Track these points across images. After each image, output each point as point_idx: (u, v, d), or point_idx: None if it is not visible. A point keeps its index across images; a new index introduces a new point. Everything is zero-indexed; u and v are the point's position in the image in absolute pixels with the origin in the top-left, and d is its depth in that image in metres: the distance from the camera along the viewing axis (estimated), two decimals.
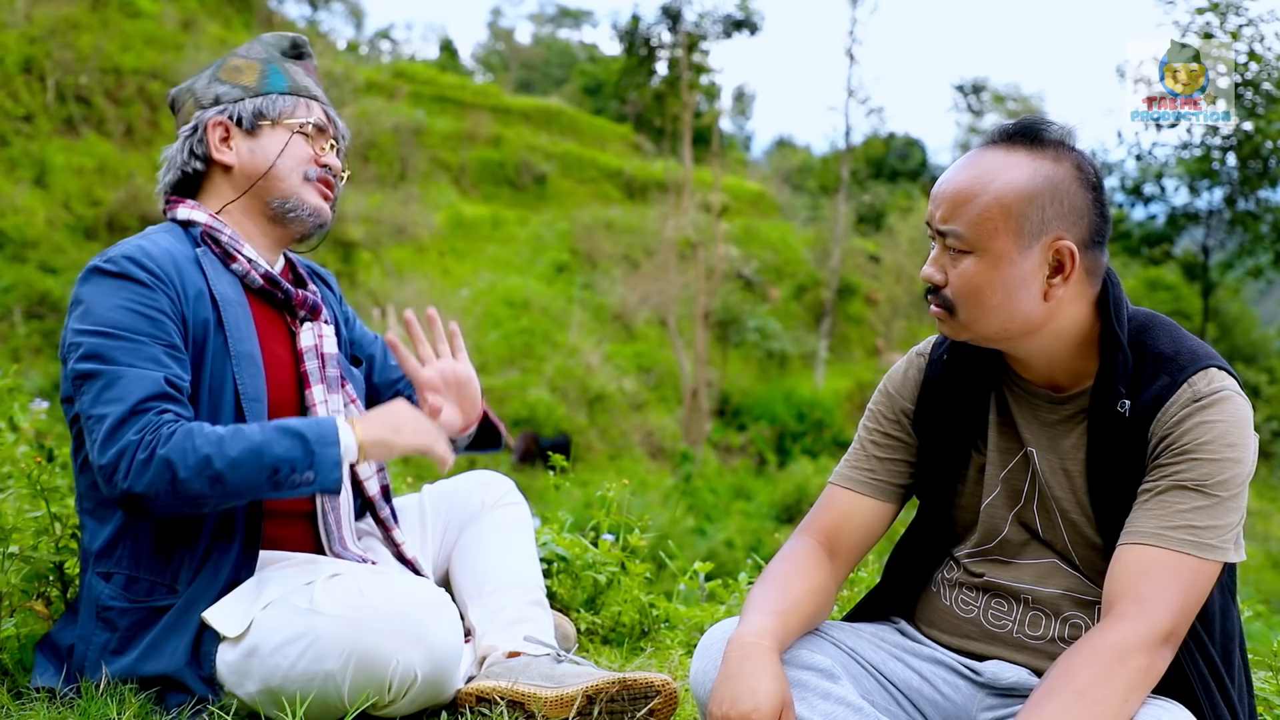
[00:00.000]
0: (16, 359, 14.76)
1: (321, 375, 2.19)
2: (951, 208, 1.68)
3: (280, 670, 1.89)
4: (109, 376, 1.90)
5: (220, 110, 2.18)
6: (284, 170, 2.18)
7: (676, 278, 24.93)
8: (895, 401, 1.93)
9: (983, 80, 36.96)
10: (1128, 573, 1.59)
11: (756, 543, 14.69)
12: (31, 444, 3.60)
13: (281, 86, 2.22)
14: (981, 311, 1.68)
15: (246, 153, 2.18)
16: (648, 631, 2.94)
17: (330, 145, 2.27)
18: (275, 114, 2.19)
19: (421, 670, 1.89)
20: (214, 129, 2.18)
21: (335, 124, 2.28)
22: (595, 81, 39.46)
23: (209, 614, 1.95)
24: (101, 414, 1.89)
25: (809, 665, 1.73)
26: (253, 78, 2.21)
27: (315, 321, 2.23)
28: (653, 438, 21.97)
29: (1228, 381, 1.64)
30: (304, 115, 2.22)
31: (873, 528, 1.90)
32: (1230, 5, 14.50)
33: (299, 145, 2.20)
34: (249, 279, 2.15)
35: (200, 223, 2.14)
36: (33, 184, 18.80)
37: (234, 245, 2.14)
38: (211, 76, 2.23)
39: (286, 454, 1.89)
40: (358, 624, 1.86)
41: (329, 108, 2.29)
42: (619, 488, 3.16)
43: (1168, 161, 16.88)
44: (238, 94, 2.19)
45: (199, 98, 2.21)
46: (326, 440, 1.92)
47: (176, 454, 1.84)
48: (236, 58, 2.24)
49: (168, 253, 2.04)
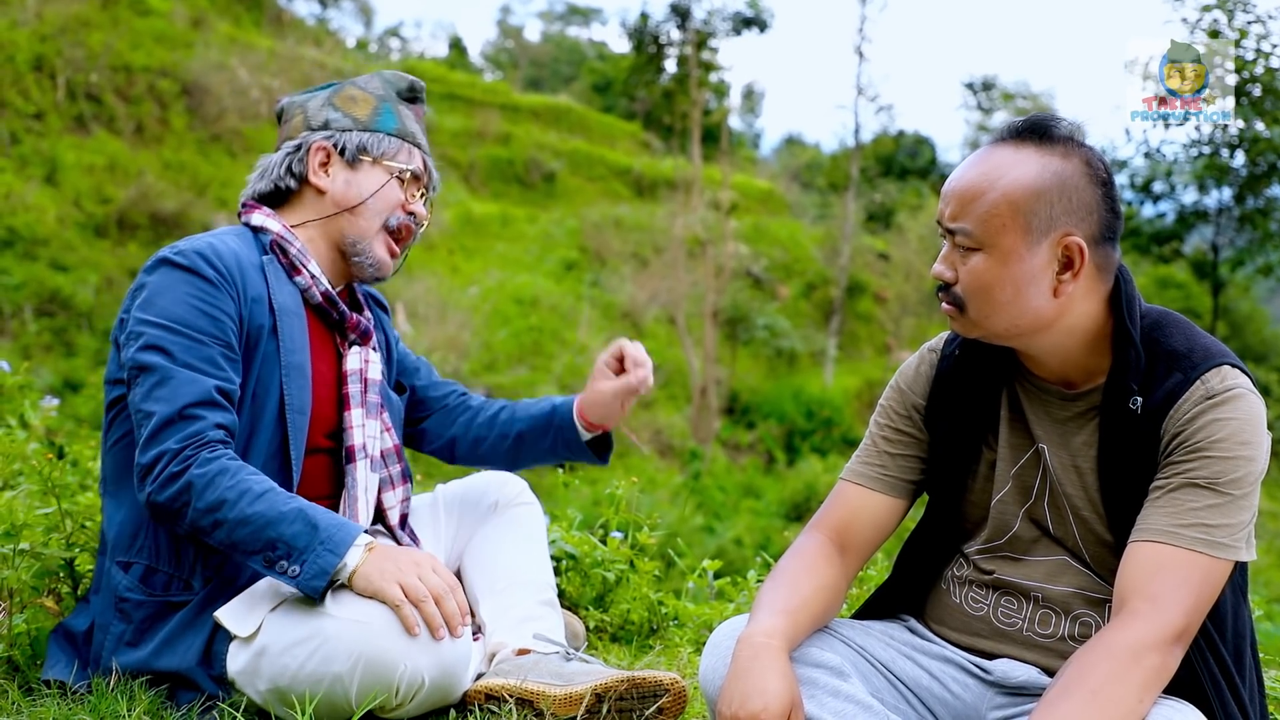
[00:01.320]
0: (27, 356, 14.83)
1: (363, 399, 2.20)
2: (960, 205, 1.68)
3: (289, 671, 1.90)
4: (163, 373, 1.93)
5: (327, 136, 2.21)
6: (370, 211, 2.21)
7: (685, 276, 24.93)
8: (907, 397, 1.92)
9: (992, 78, 36.92)
10: (1140, 570, 1.58)
11: (765, 541, 14.67)
12: (42, 441, 3.62)
13: (391, 127, 2.24)
14: (992, 308, 1.68)
15: (342, 183, 2.20)
16: (656, 629, 2.94)
17: (421, 194, 2.28)
18: (379, 153, 2.21)
19: (429, 676, 1.89)
20: (316, 152, 2.20)
21: (430, 174, 2.30)
22: (604, 79, 39.44)
23: (221, 614, 1.95)
24: (149, 410, 1.91)
25: (819, 663, 1.73)
26: (365, 111, 2.23)
27: (364, 346, 2.25)
28: (662, 435, 21.97)
29: (1241, 379, 1.64)
30: (405, 160, 2.24)
31: (884, 523, 1.90)
32: (1238, 2, 14.45)
33: (392, 189, 2.22)
34: (309, 294, 2.17)
35: (272, 231, 2.16)
36: (43, 182, 18.86)
37: (301, 259, 2.16)
38: (327, 100, 2.24)
39: (291, 538, 1.87)
40: (366, 627, 1.86)
41: (429, 157, 2.31)
42: (628, 485, 3.16)
43: (1177, 159, 16.84)
44: (347, 124, 2.22)
45: (309, 117, 2.23)
46: (333, 547, 1.88)
47: (200, 483, 1.87)
48: (355, 87, 2.26)
49: (235, 254, 2.06)
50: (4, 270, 16.82)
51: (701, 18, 25.52)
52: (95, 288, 17.81)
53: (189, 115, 22.63)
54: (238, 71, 23.22)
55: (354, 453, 2.17)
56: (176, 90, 22.39)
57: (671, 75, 26.53)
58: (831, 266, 28.34)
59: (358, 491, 2.17)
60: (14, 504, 2.74)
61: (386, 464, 2.26)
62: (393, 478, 2.27)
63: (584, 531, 3.14)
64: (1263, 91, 14.95)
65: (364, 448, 2.19)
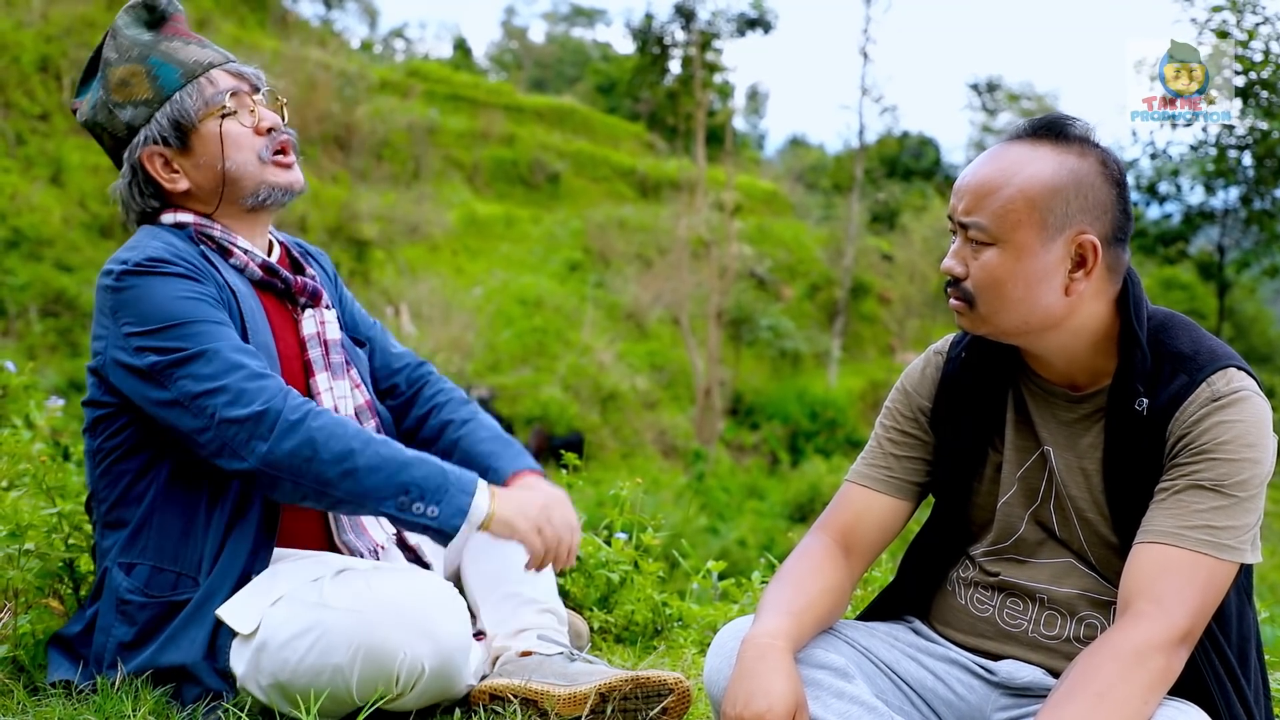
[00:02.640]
0: (32, 356, 14.84)
1: (326, 363, 2.18)
2: (975, 199, 1.67)
3: (290, 664, 1.90)
4: (208, 353, 1.90)
5: (144, 140, 2.06)
6: (236, 164, 2.08)
7: (689, 276, 24.91)
8: (912, 399, 1.92)
9: (997, 79, 36.88)
10: (1145, 571, 1.58)
11: (769, 542, 14.67)
12: (47, 441, 3.62)
13: (175, 78, 2.05)
14: (1002, 304, 1.68)
15: (193, 169, 2.08)
16: (661, 630, 2.94)
17: (255, 101, 2.13)
18: (192, 117, 2.05)
19: (429, 663, 1.89)
20: (151, 162, 2.08)
21: (245, 76, 2.13)
22: (609, 80, 39.43)
23: (223, 610, 1.95)
24: (217, 385, 1.88)
25: (823, 664, 1.73)
26: (145, 87, 2.05)
27: (316, 308, 2.21)
28: (665, 436, 21.96)
29: (1247, 382, 1.64)
30: (214, 92, 2.07)
31: (889, 525, 1.90)
32: (1247, 3, 14.42)
33: (232, 127, 2.08)
34: (249, 271, 2.12)
35: (189, 223, 2.10)
36: (48, 182, 18.88)
37: (227, 239, 2.11)
38: (104, 102, 2.08)
39: (423, 479, 1.89)
40: (364, 617, 1.87)
41: (228, 64, 2.12)
42: (632, 486, 3.16)
43: (1183, 160, 16.81)
44: (144, 112, 2.06)
45: (110, 130, 2.09)
46: (464, 487, 1.93)
47: (323, 435, 1.87)
48: (114, 66, 2.06)
49: (183, 252, 2.03)
50: (9, 271, 16.84)
51: (706, 19, 25.51)
52: None
53: None
54: None
55: None
56: None
57: (676, 76, 26.51)
58: (835, 268, 28.32)
59: None
60: (18, 504, 2.74)
61: (361, 420, 2.22)
62: None
63: (588, 532, 3.14)
64: (1270, 93, 14.92)
65: (336, 409, 2.15)
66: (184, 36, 2.11)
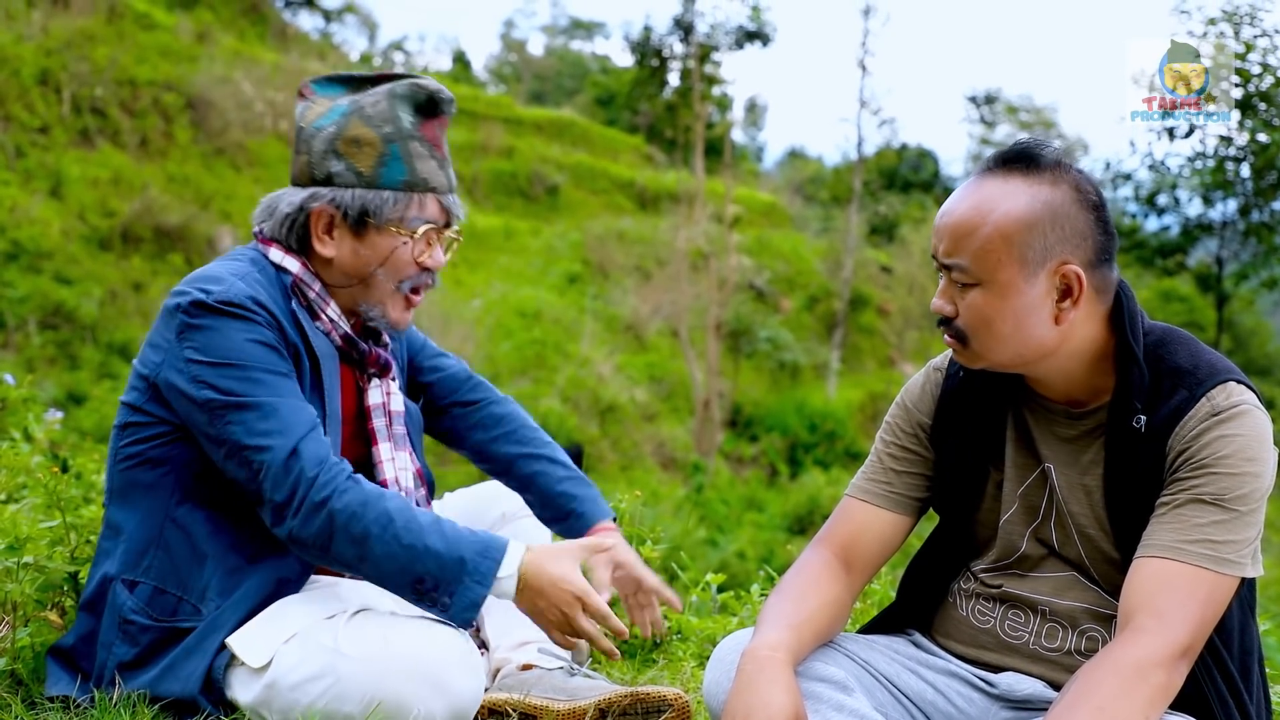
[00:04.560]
0: (31, 369, 14.85)
1: (389, 433, 2.17)
2: (954, 241, 1.67)
3: (299, 706, 1.88)
4: (265, 407, 1.88)
5: (330, 198, 2.03)
6: (380, 279, 2.07)
7: (688, 288, 24.92)
8: (912, 415, 1.92)
9: (995, 91, 36.90)
10: (1145, 586, 1.58)
11: (769, 554, 14.65)
12: (46, 454, 3.62)
13: (398, 179, 2.04)
14: (994, 341, 1.68)
15: (348, 252, 2.06)
16: (660, 643, 2.93)
17: (441, 240, 2.12)
18: (383, 220, 2.03)
19: (442, 718, 1.87)
20: (318, 218, 2.05)
21: (450, 212, 2.12)
22: (607, 92, 39.50)
23: (233, 640, 1.92)
24: (262, 445, 1.86)
25: (823, 677, 1.72)
26: (369, 162, 2.02)
27: (384, 379, 2.20)
28: (664, 448, 21.94)
29: (1247, 395, 1.64)
30: (417, 215, 2.05)
31: (889, 540, 1.90)
32: (1244, 17, 14.48)
33: (403, 253, 2.06)
34: (330, 337, 2.10)
35: (292, 273, 2.06)
36: (48, 195, 18.90)
37: (320, 303, 2.08)
38: (331, 143, 2.04)
39: (438, 571, 1.86)
40: (381, 670, 1.84)
41: (446, 196, 2.11)
42: (631, 499, 3.16)
43: (1181, 172, 16.85)
44: (350, 179, 2.02)
45: (314, 163, 2.05)
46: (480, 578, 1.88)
47: (343, 517, 1.84)
48: (361, 122, 2.03)
49: (270, 300, 1.99)
50: (8, 283, 16.84)
51: (704, 31, 25.57)
52: (99, 301, 17.82)
53: (193, 129, 22.68)
54: (242, 85, 23.28)
55: (386, 486, 2.14)
56: (181, 104, 22.44)
57: (674, 89, 26.55)
58: (834, 279, 28.34)
59: None
60: (18, 517, 2.74)
61: (415, 489, 2.23)
62: (419, 501, 2.23)
63: None
64: (1268, 106, 14.96)
65: (396, 481, 2.16)
66: (432, 145, 2.09)
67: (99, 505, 2.85)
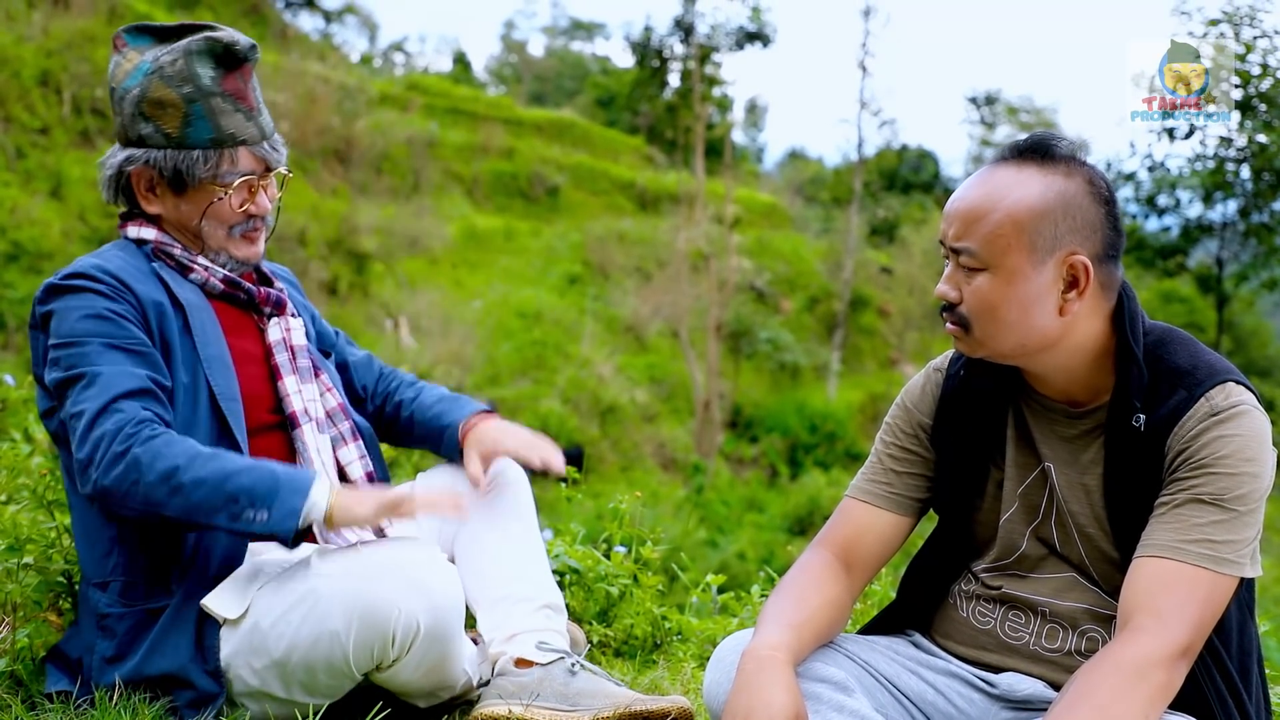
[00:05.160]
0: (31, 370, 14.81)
1: (293, 367, 2.21)
2: (964, 225, 1.68)
3: (285, 639, 1.91)
4: (89, 376, 1.92)
5: (144, 159, 2.08)
6: (208, 230, 2.14)
7: (689, 289, 24.93)
8: (912, 415, 1.92)
9: (996, 92, 36.92)
10: (1145, 586, 1.58)
11: (769, 555, 14.66)
12: (46, 455, 3.62)
13: (204, 139, 2.07)
14: (997, 328, 1.68)
15: (172, 209, 2.13)
16: (660, 644, 2.93)
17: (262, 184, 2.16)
18: (195, 179, 2.08)
19: (423, 620, 1.89)
20: (138, 179, 2.12)
21: (265, 160, 2.15)
22: (608, 93, 39.50)
23: (207, 600, 1.95)
24: (80, 410, 1.90)
25: (823, 678, 1.72)
26: (174, 123, 2.05)
27: (282, 316, 2.24)
28: (665, 449, 21.95)
29: (1246, 396, 1.64)
30: (229, 170, 2.10)
31: (889, 541, 1.90)
32: (1244, 18, 14.48)
33: (221, 209, 2.12)
34: (209, 286, 2.15)
35: (150, 239, 2.14)
36: (49, 196, 18.91)
37: (187, 258, 2.14)
38: (136, 105, 2.07)
39: (250, 486, 1.87)
40: (358, 578, 1.89)
41: (258, 146, 2.13)
42: (631, 500, 3.16)
43: (1181, 173, 16.84)
44: (159, 140, 2.07)
45: (125, 125, 2.09)
46: (296, 488, 1.90)
47: (147, 456, 1.85)
48: (161, 82, 2.05)
49: (123, 267, 2.05)
50: (9, 284, 16.85)
51: (705, 32, 25.57)
52: None
53: None
54: None
55: (296, 419, 2.17)
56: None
57: (675, 89, 26.56)
58: (835, 280, 28.34)
59: (310, 454, 2.17)
60: (18, 518, 2.74)
61: (334, 422, 2.25)
62: (344, 435, 2.26)
63: (587, 546, 3.14)
64: (1268, 106, 14.96)
65: (305, 412, 2.19)
66: (237, 98, 2.10)
67: None
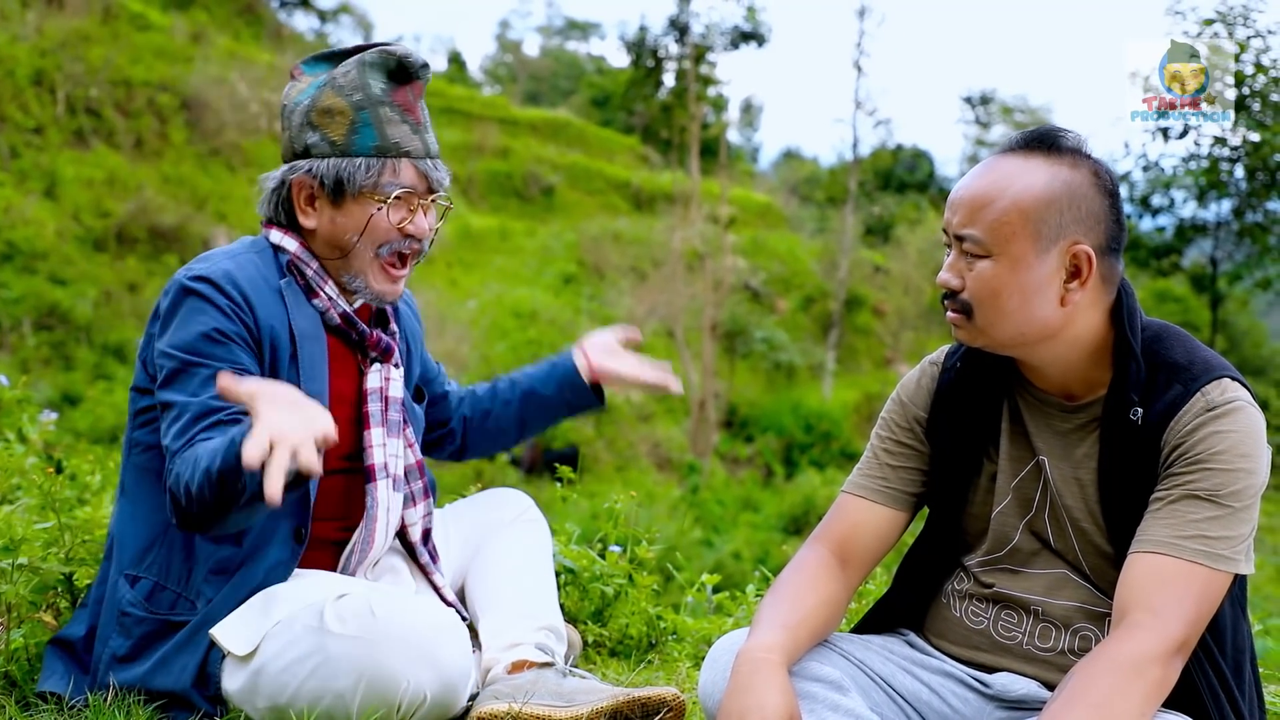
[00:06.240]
0: (25, 370, 14.81)
1: (383, 418, 2.17)
2: (970, 212, 1.68)
3: (289, 689, 1.88)
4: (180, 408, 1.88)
5: (307, 169, 2.06)
6: (359, 248, 2.08)
7: (684, 289, 24.93)
8: (908, 410, 1.93)
9: (990, 92, 37.00)
10: (1140, 582, 1.58)
11: (764, 554, 14.64)
12: (41, 455, 3.62)
13: (369, 145, 2.05)
14: (999, 315, 1.68)
15: (328, 222, 2.08)
16: (655, 644, 2.93)
17: (424, 206, 2.12)
18: (356, 187, 2.05)
19: (431, 691, 1.87)
20: (298, 190, 2.08)
21: (428, 178, 2.11)
22: (603, 93, 39.50)
23: (216, 632, 1.93)
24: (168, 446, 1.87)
25: (818, 677, 1.72)
26: (341, 130, 2.05)
27: (385, 364, 2.19)
28: (660, 449, 21.95)
29: (1241, 392, 1.64)
30: (390, 181, 2.06)
31: (885, 536, 1.90)
32: (1238, 17, 14.51)
33: (380, 221, 2.07)
34: (328, 316, 2.11)
35: (289, 251, 2.10)
36: (43, 196, 18.88)
37: (318, 281, 2.10)
38: (305, 115, 2.07)
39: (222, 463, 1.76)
40: (369, 644, 1.84)
41: (422, 161, 2.10)
42: (626, 499, 3.16)
43: (1175, 172, 16.87)
44: (325, 149, 2.05)
45: (293, 137, 2.09)
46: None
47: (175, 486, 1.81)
48: (332, 92, 2.06)
49: (252, 279, 2.01)
50: (3, 284, 16.83)
51: (700, 32, 25.59)
52: (94, 301, 17.81)
53: (188, 129, 22.66)
54: (237, 86, 23.25)
55: (374, 472, 2.14)
56: (176, 105, 22.42)
57: (670, 89, 26.58)
58: (830, 280, 28.35)
59: (378, 511, 2.14)
60: (12, 518, 2.74)
61: (409, 481, 2.23)
62: (414, 494, 2.24)
63: (582, 545, 3.14)
64: (1262, 105, 14.99)
65: (385, 467, 2.15)
66: (405, 110, 2.09)
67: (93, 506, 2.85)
